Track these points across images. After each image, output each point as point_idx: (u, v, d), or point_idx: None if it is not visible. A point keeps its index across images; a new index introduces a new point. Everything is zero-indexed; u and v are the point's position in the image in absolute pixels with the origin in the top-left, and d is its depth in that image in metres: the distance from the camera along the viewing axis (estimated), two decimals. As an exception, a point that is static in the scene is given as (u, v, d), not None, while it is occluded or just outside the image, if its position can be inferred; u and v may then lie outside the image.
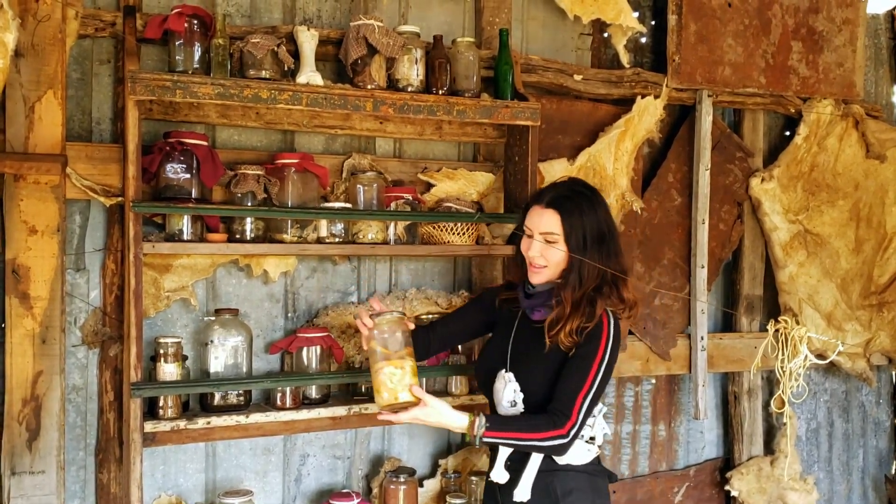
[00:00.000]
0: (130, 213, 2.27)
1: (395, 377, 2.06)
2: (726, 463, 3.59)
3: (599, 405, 2.18)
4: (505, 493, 2.16)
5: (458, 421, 2.04)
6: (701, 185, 3.29)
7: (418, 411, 2.05)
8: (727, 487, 3.49)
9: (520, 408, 2.13)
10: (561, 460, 2.10)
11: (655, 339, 3.29)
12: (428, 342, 2.40)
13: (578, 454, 2.13)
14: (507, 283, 2.41)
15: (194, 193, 2.38)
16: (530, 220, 2.16)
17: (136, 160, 2.26)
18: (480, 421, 2.02)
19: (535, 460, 2.10)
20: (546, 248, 2.11)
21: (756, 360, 3.39)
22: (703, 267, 3.31)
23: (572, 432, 2.02)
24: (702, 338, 3.31)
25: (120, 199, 2.40)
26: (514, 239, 2.35)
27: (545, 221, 2.11)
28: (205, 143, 2.40)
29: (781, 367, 3.40)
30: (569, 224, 2.08)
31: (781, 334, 3.42)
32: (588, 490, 2.14)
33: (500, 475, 2.15)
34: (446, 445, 2.98)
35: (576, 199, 2.12)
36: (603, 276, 2.10)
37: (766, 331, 3.45)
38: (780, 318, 3.45)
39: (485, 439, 2.02)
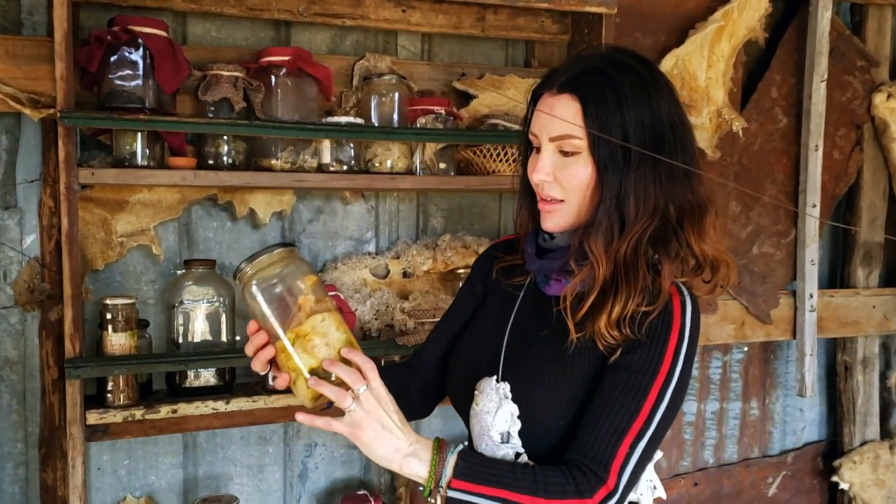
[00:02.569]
0: (60, 127, 1.65)
1: (332, 333, 1.11)
2: (831, 447, 2.95)
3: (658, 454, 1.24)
4: None
5: (406, 449, 1.11)
6: (814, 102, 2.59)
7: (364, 408, 1.10)
8: (834, 478, 2.85)
9: (515, 446, 1.21)
10: None
11: (753, 298, 2.62)
12: (416, 391, 1.42)
13: None
14: (512, 238, 1.41)
15: (149, 102, 1.75)
16: (536, 120, 1.21)
17: (66, 54, 1.66)
18: (449, 458, 1.12)
19: None
20: (561, 164, 1.18)
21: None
22: (814, 206, 2.61)
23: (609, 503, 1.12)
24: (811, 295, 2.64)
25: (51, 110, 1.78)
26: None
27: (558, 115, 1.16)
28: (162, 33, 1.76)
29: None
30: (597, 117, 1.13)
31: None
32: None
33: None
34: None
35: (610, 76, 1.15)
36: (665, 215, 1.16)
37: (890, 286, 2.76)
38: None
39: (451, 492, 1.11)
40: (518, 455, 1.20)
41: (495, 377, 1.23)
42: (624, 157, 1.13)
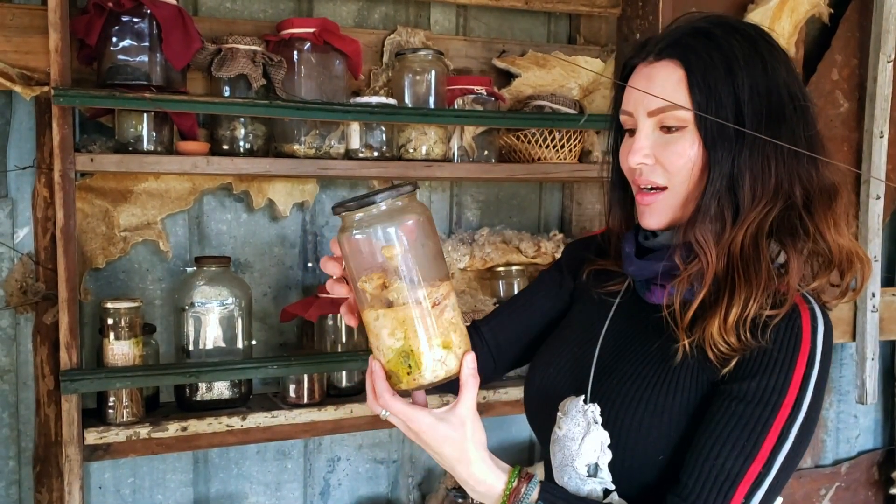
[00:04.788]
0: (55, 107, 1.45)
1: (459, 315, 0.96)
2: (887, 456, 2.74)
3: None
4: None
5: (485, 474, 0.94)
6: (879, 84, 2.38)
7: (474, 419, 0.94)
8: (893, 491, 2.65)
9: (605, 481, 1.02)
10: None
11: (811, 297, 2.41)
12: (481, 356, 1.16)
13: None
14: (602, 234, 1.21)
15: (156, 79, 1.54)
16: (629, 96, 1.03)
17: (62, 24, 1.47)
18: (531, 491, 0.94)
19: None
20: (663, 143, 0.99)
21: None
22: (878, 197, 2.40)
23: None
24: (873, 294, 2.43)
25: (45, 88, 1.57)
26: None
27: (658, 87, 0.98)
28: (171, 1, 1.55)
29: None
30: (704, 85, 0.96)
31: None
32: None
33: None
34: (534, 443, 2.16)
35: (717, 37, 0.97)
36: (790, 199, 0.97)
37: (956, 285, 2.55)
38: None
39: None
40: (608, 493, 1.01)
41: (583, 397, 1.03)
42: (737, 130, 0.95)
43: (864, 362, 2.44)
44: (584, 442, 1.01)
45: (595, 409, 1.02)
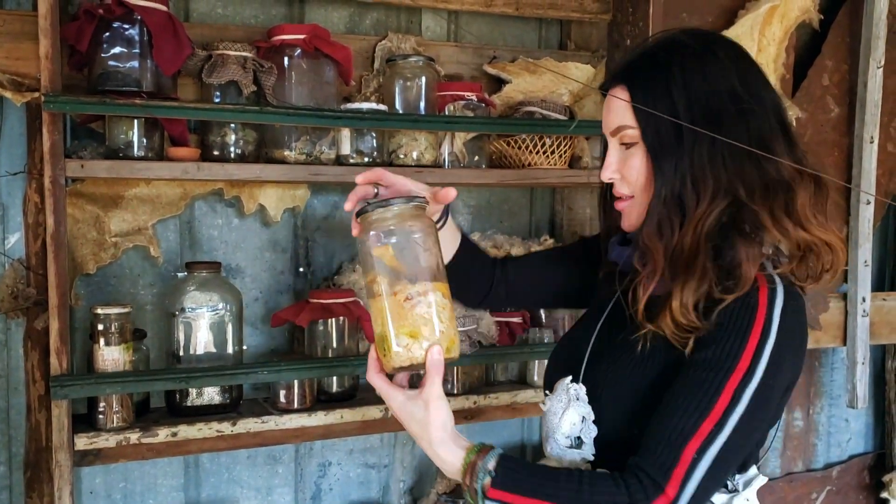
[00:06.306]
0: (45, 113, 1.45)
1: (446, 313, 1.07)
2: (878, 460, 2.76)
3: (753, 470, 1.13)
4: None
5: (445, 452, 1.05)
6: (869, 90, 2.39)
7: (437, 402, 1.05)
8: (884, 494, 2.66)
9: (585, 453, 1.12)
10: None
11: (802, 302, 2.41)
12: (491, 275, 1.38)
13: None
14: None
15: (147, 85, 1.55)
16: (604, 119, 1.15)
17: (52, 30, 1.48)
18: (486, 464, 1.02)
19: None
20: (624, 158, 1.11)
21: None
22: (868, 203, 2.41)
23: None
24: (863, 299, 2.44)
25: (36, 94, 1.57)
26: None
27: (613, 108, 1.11)
28: (161, 7, 1.55)
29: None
30: (644, 103, 1.07)
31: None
32: None
33: None
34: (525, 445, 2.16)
35: (657, 58, 1.09)
36: (734, 197, 1.04)
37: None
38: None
39: (489, 501, 1.02)
40: (588, 463, 1.12)
41: (570, 378, 1.15)
42: (677, 140, 1.05)
43: (854, 366, 2.45)
44: (564, 416, 1.12)
45: (579, 389, 1.12)
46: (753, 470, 1.13)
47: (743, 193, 1.03)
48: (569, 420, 1.12)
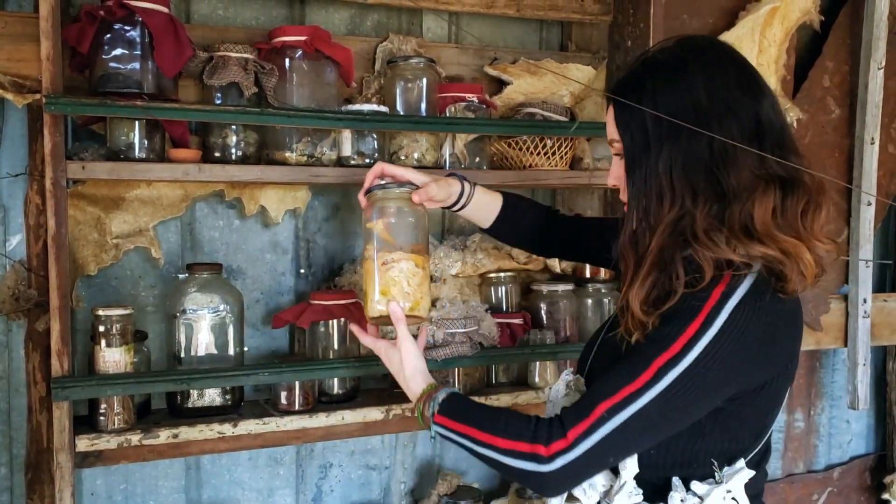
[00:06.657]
0: (46, 115, 1.45)
1: (416, 279, 1.38)
2: (880, 462, 2.75)
3: (740, 463, 1.15)
4: None
5: (414, 384, 1.33)
6: (870, 91, 2.39)
7: (404, 344, 1.35)
8: (885, 495, 2.66)
9: None
10: None
11: (803, 303, 2.40)
12: (545, 226, 1.59)
13: None
14: None
15: (148, 87, 1.55)
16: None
17: (53, 32, 1.48)
18: (438, 396, 1.26)
19: None
20: (619, 167, 1.21)
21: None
22: (869, 204, 2.41)
23: (560, 461, 1.08)
24: (864, 300, 2.45)
25: (37, 95, 1.58)
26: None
27: (608, 121, 1.23)
28: (163, 9, 1.55)
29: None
30: (622, 118, 1.16)
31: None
32: None
33: None
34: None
35: (636, 74, 1.17)
36: (690, 206, 1.09)
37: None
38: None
39: (435, 426, 1.25)
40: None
41: (572, 369, 1.34)
42: (644, 152, 1.13)
43: (855, 368, 2.45)
44: (560, 403, 1.27)
45: (579, 381, 1.29)
46: (741, 463, 1.15)
47: (702, 201, 1.08)
48: (562, 407, 1.23)
